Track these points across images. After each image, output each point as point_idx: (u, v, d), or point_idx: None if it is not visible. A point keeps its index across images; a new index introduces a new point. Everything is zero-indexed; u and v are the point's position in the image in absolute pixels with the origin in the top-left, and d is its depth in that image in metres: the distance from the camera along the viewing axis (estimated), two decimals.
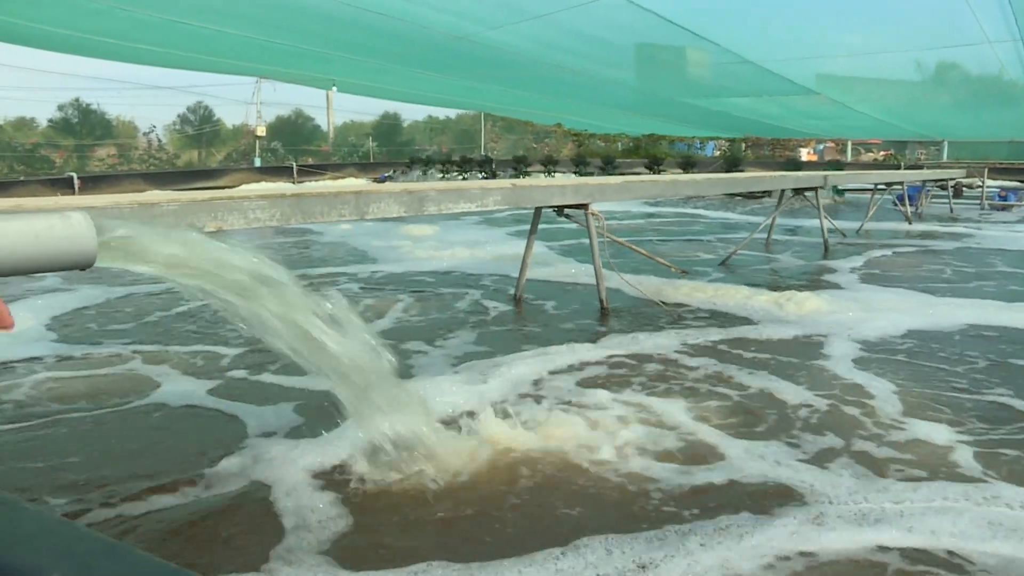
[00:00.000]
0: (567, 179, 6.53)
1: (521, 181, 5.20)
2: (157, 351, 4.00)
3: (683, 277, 6.40)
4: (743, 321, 4.76)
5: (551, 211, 5.25)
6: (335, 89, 20.41)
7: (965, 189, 17.95)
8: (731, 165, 22.10)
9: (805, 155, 30.73)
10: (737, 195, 18.21)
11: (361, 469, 2.43)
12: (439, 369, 3.67)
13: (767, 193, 16.05)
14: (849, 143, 26.88)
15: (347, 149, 42.90)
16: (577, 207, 5.15)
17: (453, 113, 48.52)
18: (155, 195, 3.16)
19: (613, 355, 3.89)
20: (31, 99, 66.47)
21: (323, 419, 2.68)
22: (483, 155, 31.58)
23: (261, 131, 35.19)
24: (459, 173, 25.63)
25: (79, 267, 1.20)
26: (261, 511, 2.20)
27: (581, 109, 18.58)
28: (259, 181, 23.24)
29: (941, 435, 2.79)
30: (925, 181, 14.38)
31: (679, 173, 18.35)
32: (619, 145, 34.32)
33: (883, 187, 12.24)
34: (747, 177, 8.61)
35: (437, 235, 9.65)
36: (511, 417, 2.86)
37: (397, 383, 2.43)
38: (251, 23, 10.09)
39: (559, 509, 2.21)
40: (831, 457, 2.59)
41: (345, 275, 6.67)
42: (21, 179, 19.54)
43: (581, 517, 2.16)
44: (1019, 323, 4.69)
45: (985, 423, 2.92)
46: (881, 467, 2.50)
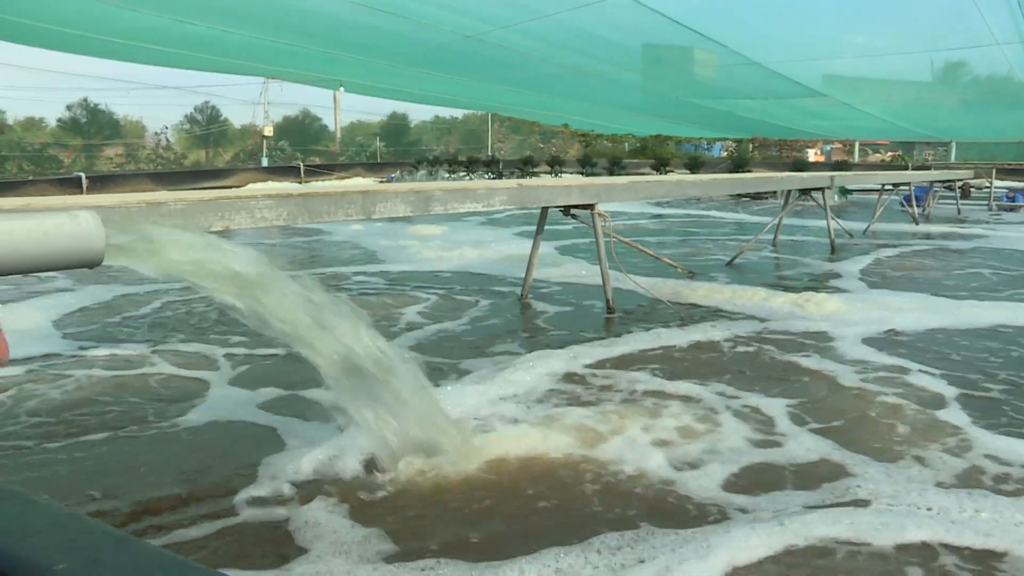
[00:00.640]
0: (573, 179, 6.53)
1: (527, 181, 5.21)
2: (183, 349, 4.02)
3: (690, 278, 6.39)
4: (765, 321, 4.75)
5: (558, 211, 5.25)
6: (342, 89, 20.46)
7: (972, 190, 17.90)
8: (738, 166, 22.09)
9: (812, 156, 30.70)
10: (744, 196, 18.18)
11: (373, 468, 2.44)
12: (445, 369, 3.68)
13: (774, 194, 16.04)
14: (856, 144, 26.84)
15: (354, 149, 43.00)
16: (583, 207, 5.14)
17: (460, 113, 48.66)
18: (162, 194, 3.17)
19: (620, 354, 3.89)
20: (40, 99, 66.78)
21: (334, 417, 2.69)
22: (490, 155, 31.60)
23: (268, 131, 35.27)
24: (466, 173, 25.65)
25: (87, 265, 1.21)
26: (273, 511, 2.21)
27: (588, 109, 18.60)
28: (266, 181, 23.29)
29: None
30: (932, 182, 14.34)
31: (686, 174, 18.35)
32: (626, 146, 34.32)
33: (890, 188, 12.20)
34: (754, 178, 8.60)
35: (445, 235, 9.66)
36: (520, 415, 2.87)
37: (413, 383, 2.44)
38: (258, 24, 10.12)
39: (575, 507, 2.21)
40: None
41: (350, 275, 6.69)
42: (30, 179, 19.63)
43: (597, 514, 2.16)
44: None
45: None
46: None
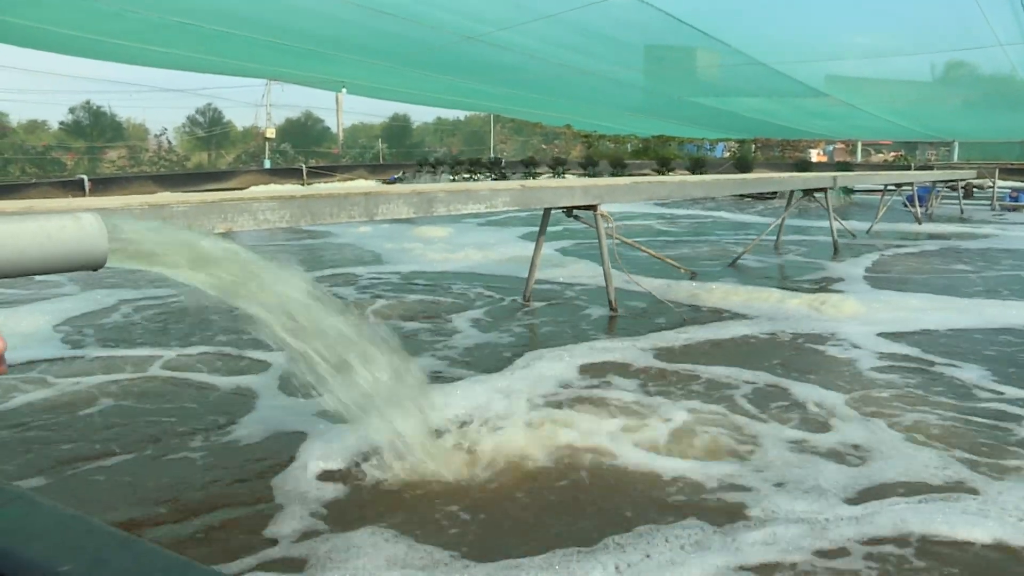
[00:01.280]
0: (576, 180, 6.53)
1: (530, 182, 5.21)
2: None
3: (692, 279, 6.39)
4: (790, 321, 4.77)
5: (561, 213, 5.26)
6: (345, 91, 20.44)
7: (975, 190, 17.87)
8: (741, 166, 22.07)
9: (815, 156, 30.64)
10: (747, 196, 18.18)
11: (373, 469, 2.44)
12: (449, 369, 3.68)
13: (776, 194, 16.03)
14: (859, 144, 26.79)
15: (357, 151, 43.01)
16: (586, 208, 5.15)
17: (462, 115, 48.63)
18: (165, 197, 3.17)
19: (624, 354, 3.89)
20: (43, 102, 66.85)
21: (335, 418, 2.69)
22: (492, 157, 31.60)
23: (271, 133, 35.27)
24: (469, 175, 25.65)
25: (90, 268, 1.21)
26: (268, 504, 2.21)
27: (590, 110, 18.57)
28: (268, 183, 23.31)
29: None
30: (935, 182, 14.32)
31: (688, 174, 18.34)
32: (628, 146, 34.28)
33: (893, 188, 12.19)
34: (756, 178, 8.59)
35: (450, 237, 9.69)
36: (522, 415, 2.87)
37: (413, 385, 2.44)
38: (260, 25, 10.11)
39: (585, 507, 2.21)
40: None
41: (356, 275, 6.70)
42: (33, 181, 19.65)
43: (602, 514, 2.16)
44: None
45: None
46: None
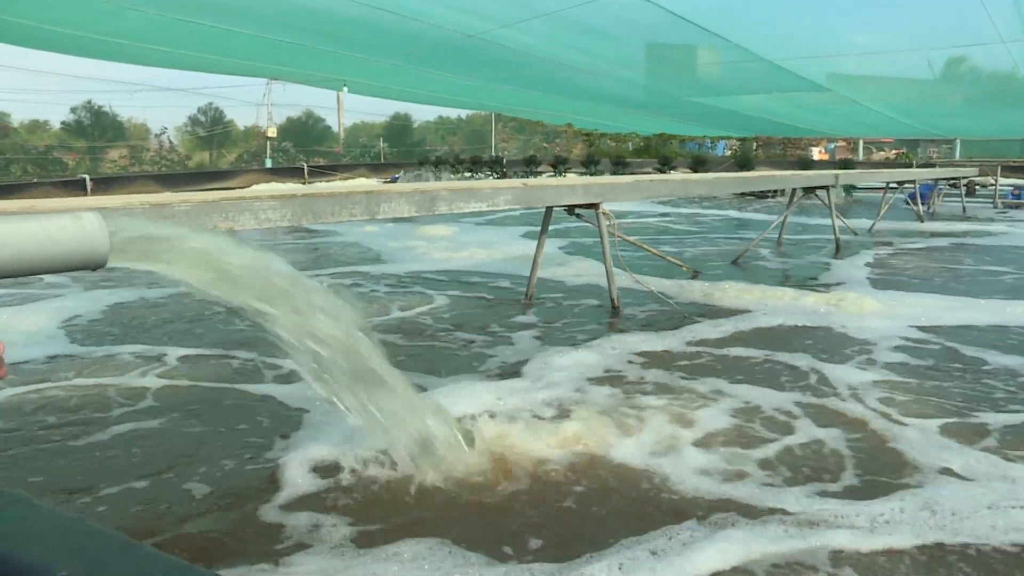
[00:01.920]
0: (578, 178, 6.52)
1: (532, 181, 5.20)
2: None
3: (694, 277, 6.39)
4: (812, 316, 4.77)
5: (562, 211, 5.25)
6: (346, 90, 20.43)
7: (978, 188, 17.87)
8: (742, 164, 22.05)
9: (816, 154, 30.65)
10: (748, 194, 18.18)
11: (377, 469, 2.44)
12: (452, 369, 3.67)
13: (778, 192, 16.02)
14: (860, 142, 26.79)
15: (358, 150, 43.02)
16: (588, 206, 5.14)
17: (464, 114, 48.69)
18: (167, 196, 3.17)
19: (626, 355, 3.88)
20: (44, 102, 67.03)
21: (336, 416, 2.69)
22: (494, 155, 31.60)
23: (272, 132, 35.29)
24: (471, 174, 25.64)
25: (91, 267, 1.21)
26: (269, 509, 2.21)
27: (591, 109, 18.55)
28: (270, 182, 23.30)
29: None
30: (937, 180, 14.31)
31: (689, 172, 18.32)
32: (630, 145, 34.29)
33: (895, 186, 12.18)
34: (758, 176, 8.58)
35: (454, 236, 9.72)
36: (525, 416, 2.87)
37: (412, 389, 2.44)
38: (262, 23, 10.11)
39: (588, 512, 2.21)
40: None
41: (360, 274, 6.70)
42: (34, 181, 19.65)
43: (607, 520, 2.16)
44: None
45: None
46: None
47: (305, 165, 26.52)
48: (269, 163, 30.83)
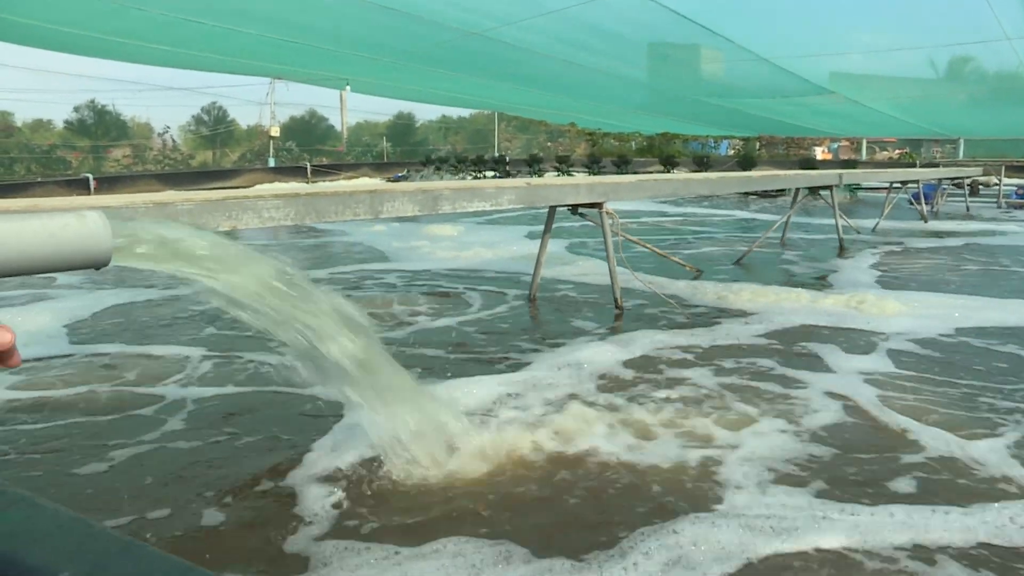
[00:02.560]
0: (581, 178, 6.52)
1: (536, 180, 5.19)
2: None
3: (697, 276, 6.39)
4: (836, 317, 4.76)
5: (566, 210, 5.25)
6: (349, 89, 20.43)
7: (981, 188, 17.82)
8: (745, 164, 22.03)
9: (820, 154, 30.62)
10: (751, 194, 18.15)
11: (385, 466, 2.44)
12: (455, 368, 3.67)
13: (781, 192, 16.00)
14: (864, 141, 26.75)
15: (361, 149, 43.05)
16: (591, 206, 5.14)
17: (467, 113, 48.64)
18: (170, 195, 3.17)
19: (628, 356, 3.88)
20: (47, 101, 67.11)
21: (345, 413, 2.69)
22: (497, 154, 31.59)
23: (275, 131, 35.28)
24: (474, 173, 25.63)
25: (94, 266, 1.20)
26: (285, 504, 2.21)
27: (595, 108, 18.54)
28: (273, 181, 23.31)
29: None
30: (941, 179, 14.27)
31: (693, 172, 18.31)
32: (633, 144, 34.31)
33: (898, 185, 12.15)
34: (761, 176, 8.56)
35: (458, 236, 9.73)
36: (529, 415, 2.87)
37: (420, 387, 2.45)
38: (265, 22, 10.12)
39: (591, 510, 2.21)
40: None
41: (366, 273, 6.70)
42: (38, 180, 19.67)
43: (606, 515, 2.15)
44: None
45: None
46: None
47: (308, 164, 26.53)
48: (272, 162, 30.84)
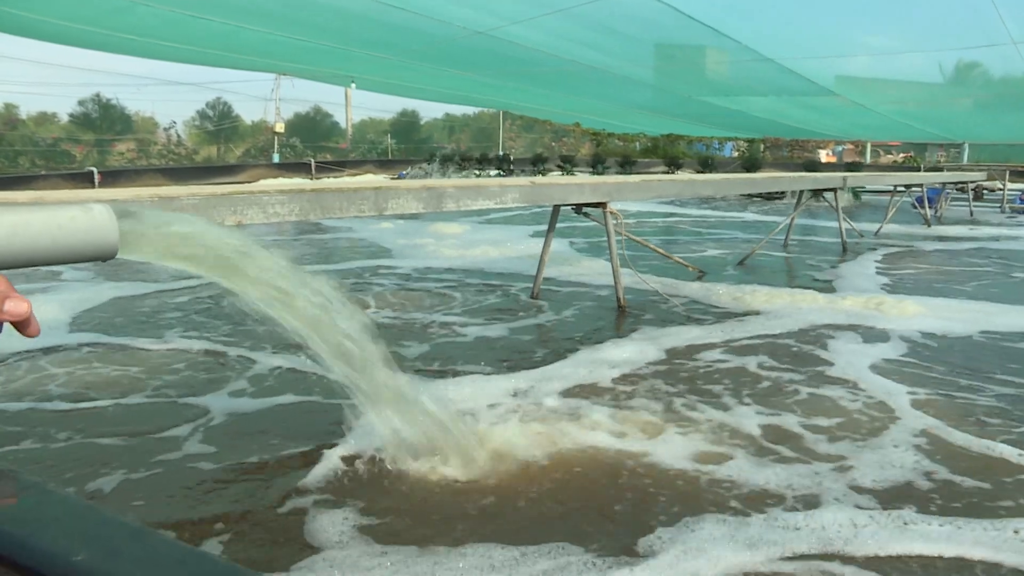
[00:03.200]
0: (586, 177, 6.52)
1: (540, 179, 5.20)
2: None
3: (700, 277, 6.39)
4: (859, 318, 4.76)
5: (570, 210, 5.26)
6: (354, 86, 20.46)
7: (985, 192, 17.81)
8: (749, 166, 22.01)
9: (824, 157, 30.55)
10: (755, 196, 18.14)
11: (385, 464, 2.44)
12: (456, 368, 3.68)
13: (784, 194, 15.99)
14: (868, 145, 26.70)
15: (365, 146, 43.03)
16: (595, 205, 5.14)
17: (471, 111, 48.59)
18: (175, 189, 3.17)
19: (629, 356, 3.88)
20: (52, 94, 67.18)
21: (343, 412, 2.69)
22: (501, 153, 31.58)
23: (280, 128, 35.26)
24: (478, 171, 25.64)
25: (100, 259, 1.21)
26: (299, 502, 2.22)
27: (600, 108, 18.57)
28: (277, 177, 23.31)
29: None
30: (945, 184, 14.26)
31: (697, 173, 18.30)
32: (637, 145, 34.26)
33: (902, 189, 12.15)
34: (765, 178, 8.56)
35: (464, 234, 9.76)
36: (532, 414, 2.87)
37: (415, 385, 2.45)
38: (271, 19, 10.14)
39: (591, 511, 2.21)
40: None
41: (379, 270, 6.72)
42: (42, 173, 19.70)
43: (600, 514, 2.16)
44: None
45: None
46: None
47: (313, 161, 26.54)
48: (277, 158, 30.84)
